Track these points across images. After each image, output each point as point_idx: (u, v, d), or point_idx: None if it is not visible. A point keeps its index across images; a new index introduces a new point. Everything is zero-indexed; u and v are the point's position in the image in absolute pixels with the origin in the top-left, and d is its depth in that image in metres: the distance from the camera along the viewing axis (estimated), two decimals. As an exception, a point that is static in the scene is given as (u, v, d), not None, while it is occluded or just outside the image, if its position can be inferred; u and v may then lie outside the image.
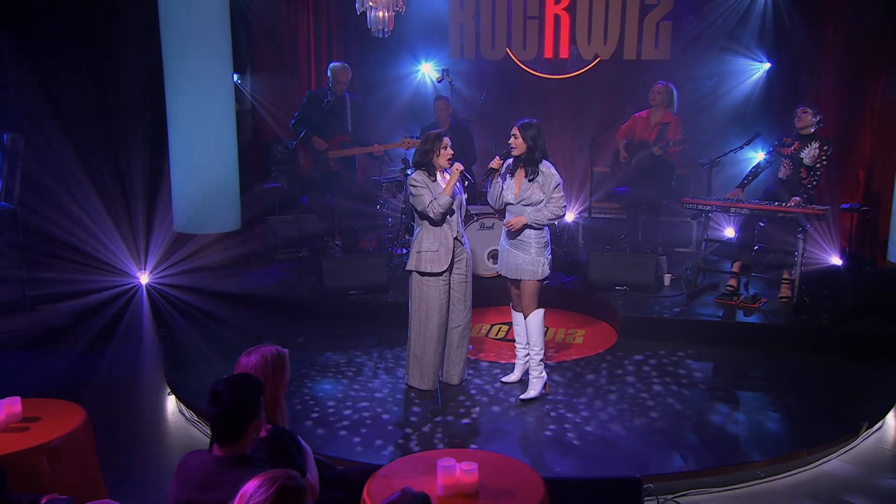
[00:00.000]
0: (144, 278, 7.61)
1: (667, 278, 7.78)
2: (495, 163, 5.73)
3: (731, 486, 4.97)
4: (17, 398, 4.15)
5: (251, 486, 2.62)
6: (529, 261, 5.69)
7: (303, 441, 3.74)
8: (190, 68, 8.01)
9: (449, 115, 8.48)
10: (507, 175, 5.76)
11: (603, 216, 8.85)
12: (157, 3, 7.93)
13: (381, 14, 7.85)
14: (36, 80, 7.78)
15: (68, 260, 7.53)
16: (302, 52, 9.40)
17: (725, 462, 5.04)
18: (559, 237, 8.50)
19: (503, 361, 6.53)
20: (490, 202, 5.92)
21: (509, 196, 5.72)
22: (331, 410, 5.74)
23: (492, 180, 5.79)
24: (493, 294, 7.47)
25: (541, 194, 5.62)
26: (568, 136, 9.29)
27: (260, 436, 3.40)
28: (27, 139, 7.54)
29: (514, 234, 5.74)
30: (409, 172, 8.31)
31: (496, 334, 7.19)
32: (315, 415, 5.66)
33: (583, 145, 8.38)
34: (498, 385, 6.10)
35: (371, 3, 7.84)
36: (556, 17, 9.35)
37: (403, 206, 8.46)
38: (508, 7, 9.40)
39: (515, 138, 5.64)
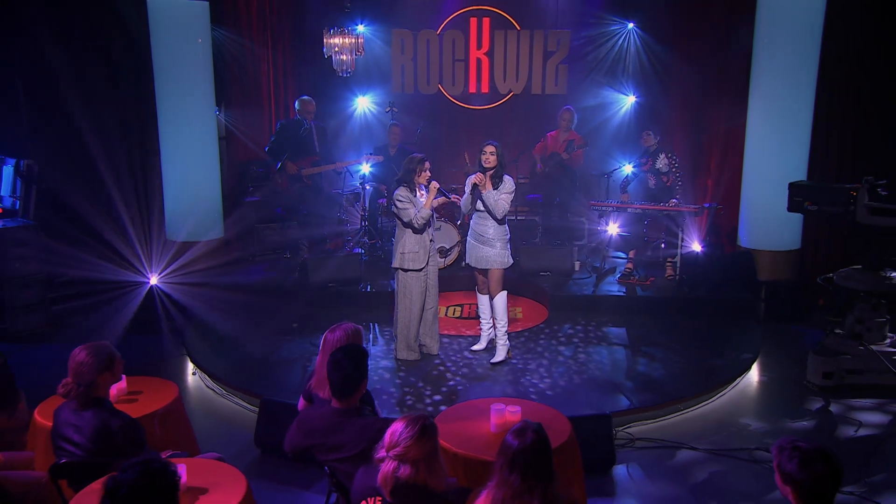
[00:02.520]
0: (154, 279, 7.52)
1: (577, 264, 8.19)
2: (478, 178, 5.85)
3: (661, 418, 5.49)
4: (123, 375, 4.20)
5: (398, 426, 2.86)
6: (496, 253, 5.97)
7: (372, 397, 4.02)
8: (179, 103, 8.00)
9: (400, 138, 8.72)
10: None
11: (521, 217, 9.28)
12: (151, 48, 7.85)
13: (344, 57, 8.07)
14: (47, 114, 7.58)
15: (84, 265, 7.35)
16: (264, 88, 9.41)
17: (658, 401, 5.54)
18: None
19: (462, 335, 6.78)
20: (462, 209, 6.16)
21: (480, 204, 5.94)
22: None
23: (469, 193, 5.98)
24: (443, 283, 7.69)
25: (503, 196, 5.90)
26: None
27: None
28: (40, 165, 7.32)
29: (483, 230, 5.98)
30: (368, 187, 8.57)
31: (453, 314, 7.47)
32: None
33: (509, 162, 8.77)
34: (468, 353, 6.34)
35: (336, 49, 8.05)
36: (479, 60, 9.65)
37: (362, 213, 8.64)
38: (440, 52, 9.63)
39: (492, 154, 5.86)
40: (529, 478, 2.65)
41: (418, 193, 5.97)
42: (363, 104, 10.12)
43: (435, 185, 5.88)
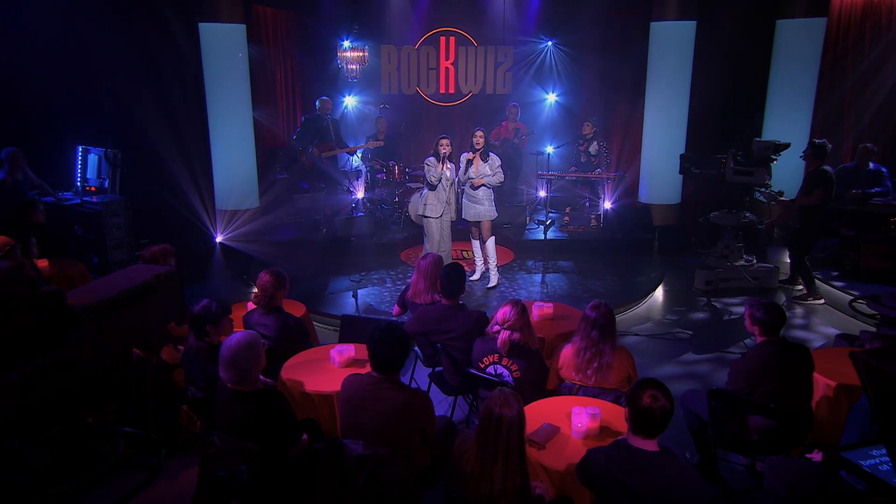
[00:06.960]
0: (219, 237, 7.71)
1: (527, 219, 8.83)
2: (470, 156, 6.42)
3: (612, 317, 6.32)
4: None
5: (506, 308, 3.47)
6: (485, 209, 6.56)
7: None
8: (224, 103, 8.11)
9: (385, 128, 9.11)
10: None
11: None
12: (202, 61, 7.92)
13: (352, 67, 8.39)
14: (123, 115, 7.58)
15: (161, 228, 7.43)
16: (279, 89, 9.55)
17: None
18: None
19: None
20: (459, 178, 6.61)
21: (472, 173, 6.52)
22: (377, 301, 6.43)
23: (465, 166, 6.58)
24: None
25: (489, 170, 6.45)
26: (457, 140, 9.99)
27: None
28: (123, 152, 7.36)
29: (474, 192, 6.51)
30: (362, 167, 8.94)
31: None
32: (369, 303, 6.36)
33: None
34: (468, 282, 6.88)
35: (348, 60, 8.36)
36: (447, 69, 10.01)
37: (364, 185, 8.99)
38: (418, 63, 9.94)
39: (481, 138, 6.41)
40: (604, 333, 3.34)
41: (442, 160, 6.38)
42: (351, 102, 10.38)
43: (443, 157, 6.35)
